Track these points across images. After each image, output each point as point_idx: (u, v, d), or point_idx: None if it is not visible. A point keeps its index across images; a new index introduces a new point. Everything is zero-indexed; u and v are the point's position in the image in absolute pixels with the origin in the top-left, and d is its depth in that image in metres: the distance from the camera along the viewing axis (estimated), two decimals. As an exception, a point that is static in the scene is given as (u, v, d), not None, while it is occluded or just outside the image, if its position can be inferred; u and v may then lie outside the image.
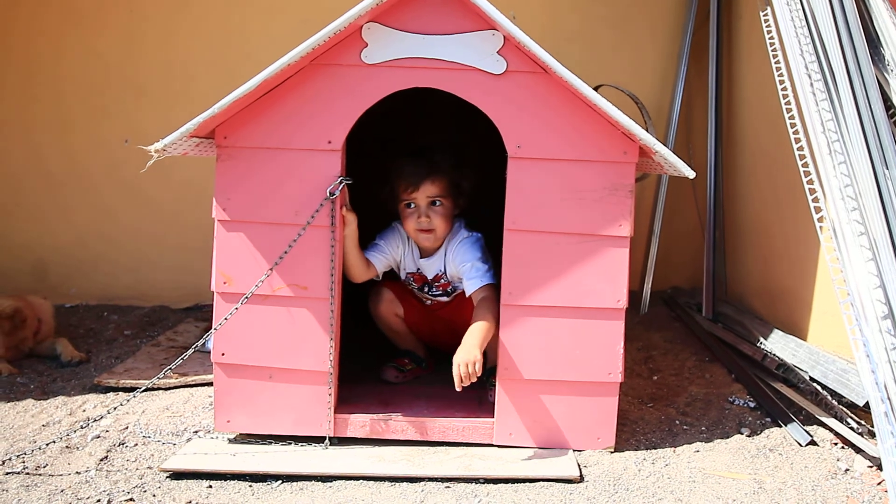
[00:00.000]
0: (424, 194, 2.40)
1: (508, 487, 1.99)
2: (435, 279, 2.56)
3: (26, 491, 1.94)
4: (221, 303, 2.17)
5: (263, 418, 2.21)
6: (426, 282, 2.58)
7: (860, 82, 2.37)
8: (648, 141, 2.02)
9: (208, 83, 3.58)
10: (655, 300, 3.76)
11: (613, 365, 2.17)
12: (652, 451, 2.22)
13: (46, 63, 3.76)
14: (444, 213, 2.42)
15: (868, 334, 2.04)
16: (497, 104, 2.11)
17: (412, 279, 2.59)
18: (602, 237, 2.14)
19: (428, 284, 2.58)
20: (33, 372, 2.85)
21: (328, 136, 2.13)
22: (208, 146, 2.20)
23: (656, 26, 3.85)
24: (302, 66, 2.09)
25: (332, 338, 2.17)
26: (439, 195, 2.41)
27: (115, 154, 3.76)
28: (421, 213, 2.41)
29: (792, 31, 2.48)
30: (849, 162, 2.24)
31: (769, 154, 3.19)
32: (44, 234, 3.82)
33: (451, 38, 2.09)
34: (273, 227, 2.15)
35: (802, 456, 2.19)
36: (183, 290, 3.74)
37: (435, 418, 2.24)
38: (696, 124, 3.84)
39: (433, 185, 2.39)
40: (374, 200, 2.48)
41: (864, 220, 2.17)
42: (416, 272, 2.57)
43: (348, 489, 1.98)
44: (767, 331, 3.01)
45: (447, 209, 2.43)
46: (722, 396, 2.62)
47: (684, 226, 3.87)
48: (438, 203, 2.41)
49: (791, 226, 2.98)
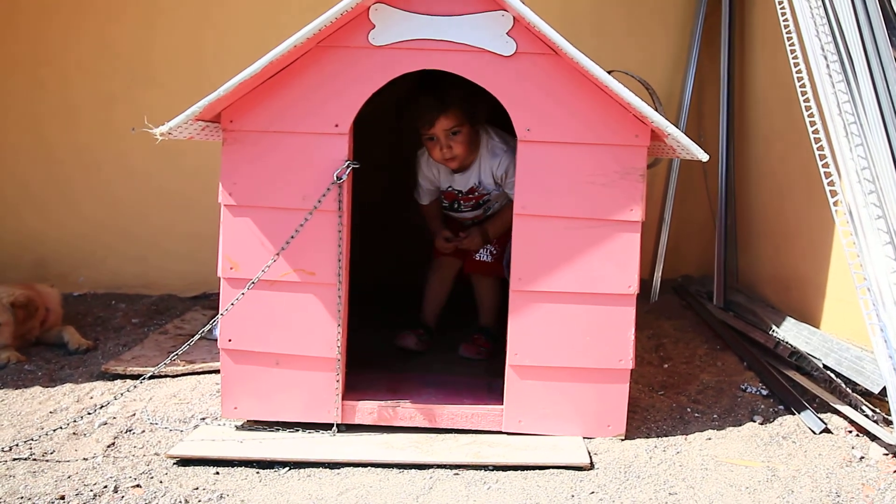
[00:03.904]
0: (441, 128, 2.49)
1: (518, 475, 1.97)
2: (470, 191, 2.70)
3: (33, 477, 1.93)
4: (228, 288, 2.15)
5: (271, 405, 2.19)
6: (456, 198, 2.73)
7: (878, 63, 2.32)
8: (660, 123, 1.99)
9: (217, 71, 3.52)
10: (666, 288, 3.73)
11: (624, 351, 2.14)
12: (663, 438, 2.19)
13: (54, 51, 3.73)
14: (463, 139, 2.53)
15: (885, 319, 2.01)
16: (507, 86, 2.08)
17: (443, 198, 2.78)
18: (613, 222, 2.11)
19: (457, 201, 2.74)
20: (41, 359, 2.85)
21: (335, 119, 2.10)
22: (214, 130, 2.18)
23: (668, 11, 3.80)
24: (308, 48, 2.07)
25: (340, 324, 2.15)
26: (456, 125, 2.50)
27: (123, 142, 3.74)
28: (442, 145, 2.51)
29: (808, 11, 2.44)
30: (866, 144, 2.20)
31: (783, 139, 3.15)
32: (52, 222, 3.81)
33: (460, 19, 2.06)
34: (280, 211, 2.13)
35: (816, 444, 2.15)
36: (190, 278, 3.73)
37: (443, 405, 2.22)
38: (707, 110, 3.80)
39: (447, 119, 2.48)
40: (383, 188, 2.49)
41: (881, 203, 2.13)
42: (447, 189, 2.73)
43: (356, 476, 1.96)
44: (780, 318, 2.98)
45: (466, 135, 2.53)
46: (734, 384, 2.59)
47: (695, 213, 3.84)
48: (457, 132, 2.51)
49: (805, 211, 2.94)
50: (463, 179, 2.68)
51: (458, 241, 2.78)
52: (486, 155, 2.62)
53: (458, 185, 2.70)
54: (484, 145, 2.61)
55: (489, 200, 2.74)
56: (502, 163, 2.59)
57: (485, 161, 2.62)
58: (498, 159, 2.60)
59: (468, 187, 2.69)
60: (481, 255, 2.81)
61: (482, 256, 2.82)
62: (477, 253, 2.81)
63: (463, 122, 2.51)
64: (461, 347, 2.75)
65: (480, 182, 2.67)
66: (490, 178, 2.64)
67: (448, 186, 2.72)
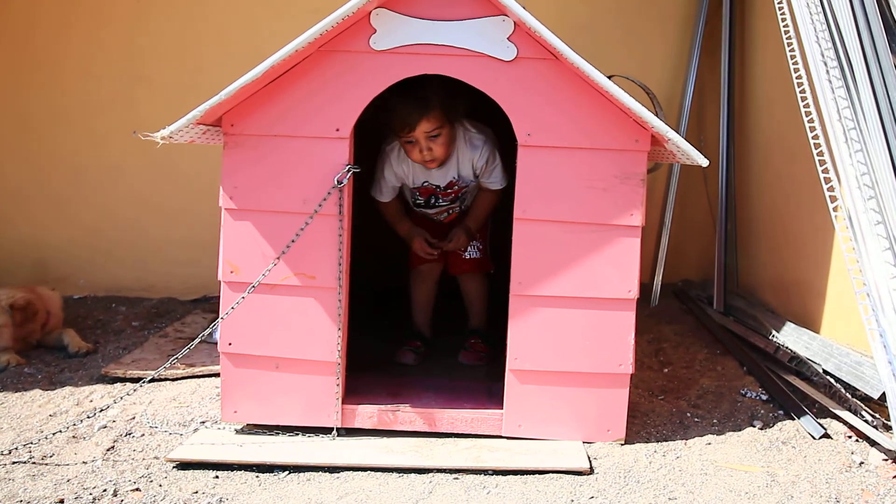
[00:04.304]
0: (422, 131, 2.40)
1: (518, 479, 1.96)
2: (449, 185, 2.61)
3: (32, 480, 1.93)
4: (228, 292, 2.15)
5: (271, 409, 2.19)
6: (433, 193, 2.63)
7: (878, 69, 2.33)
8: (661, 128, 1.99)
9: (216, 75, 3.53)
10: (666, 293, 3.73)
11: (624, 356, 2.14)
12: (663, 443, 2.19)
13: (56, 55, 3.74)
14: (444, 140, 2.45)
15: (885, 325, 2.01)
16: (507, 91, 2.08)
17: (418, 194, 2.65)
18: (613, 226, 2.11)
19: (434, 196, 2.64)
20: (41, 362, 2.85)
21: (336, 123, 2.11)
22: (215, 134, 2.18)
23: (668, 16, 3.81)
24: (309, 52, 2.07)
25: (340, 328, 2.15)
26: (436, 128, 2.42)
27: (124, 146, 3.73)
28: (422, 148, 2.43)
29: (807, 17, 2.44)
30: (865, 150, 2.20)
31: (783, 144, 3.15)
32: (52, 225, 3.81)
33: (460, 24, 2.06)
34: (280, 215, 2.13)
35: (816, 449, 2.15)
36: (191, 281, 3.73)
37: (443, 409, 2.22)
38: (707, 115, 3.80)
39: (428, 122, 2.40)
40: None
41: (881, 209, 2.13)
42: (422, 185, 2.62)
43: (356, 480, 1.96)
44: (780, 323, 2.98)
45: (447, 135, 2.46)
46: (734, 389, 2.59)
47: (695, 218, 3.84)
48: (437, 134, 2.43)
49: (805, 217, 2.94)
50: (441, 174, 2.58)
51: (445, 245, 2.71)
52: (464, 147, 2.54)
53: (436, 179, 2.60)
54: (461, 137, 2.54)
55: (466, 193, 2.68)
56: (482, 154, 2.53)
57: (463, 154, 2.54)
58: (478, 151, 2.53)
59: (447, 181, 2.60)
60: (470, 252, 2.77)
61: (471, 254, 2.78)
62: (465, 252, 2.77)
63: (443, 124, 2.43)
64: (461, 355, 2.72)
65: (459, 175, 2.59)
66: (469, 169, 2.57)
67: (424, 182, 2.61)
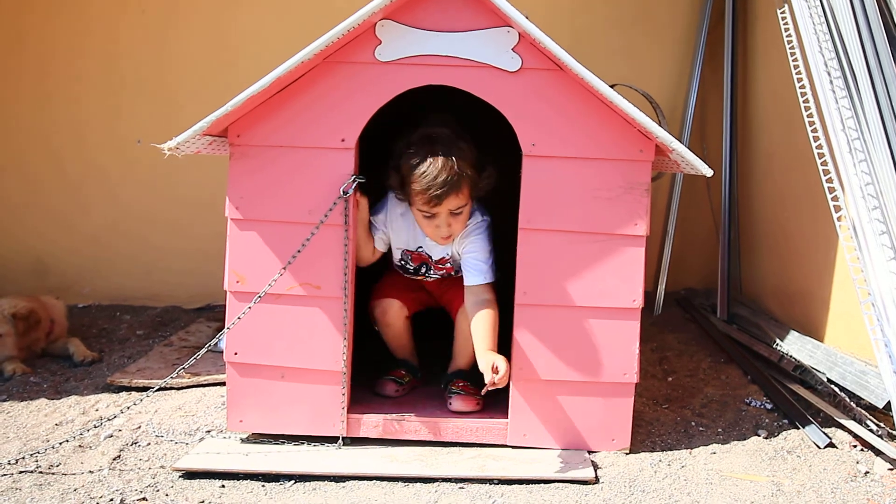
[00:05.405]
0: (447, 208, 2.19)
1: (523, 488, 1.97)
2: (440, 261, 2.41)
3: (39, 490, 1.94)
4: (234, 302, 2.16)
5: (276, 418, 2.19)
6: (426, 262, 2.43)
7: (881, 79, 2.34)
8: (665, 138, 2.00)
9: (222, 84, 3.56)
10: (669, 301, 3.73)
11: (629, 365, 2.14)
12: (668, 452, 2.19)
13: (61, 63, 3.76)
14: (464, 218, 2.26)
15: (890, 335, 2.01)
16: (512, 102, 2.09)
17: (409, 257, 2.43)
18: (618, 236, 2.12)
19: (427, 265, 2.43)
20: (46, 371, 2.85)
21: (341, 134, 2.12)
22: (221, 144, 2.20)
23: (670, 26, 3.82)
24: (315, 63, 2.09)
25: (346, 337, 2.15)
26: (462, 206, 2.22)
27: (128, 155, 3.76)
28: (441, 224, 2.23)
29: (811, 27, 2.45)
30: (869, 160, 2.21)
31: (786, 153, 3.16)
32: (57, 233, 3.82)
33: (465, 35, 2.08)
34: (286, 225, 2.14)
35: (821, 458, 2.15)
36: (195, 290, 3.74)
37: (448, 419, 2.22)
38: (710, 124, 3.81)
39: (457, 198, 2.18)
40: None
41: (885, 218, 2.14)
42: (416, 251, 2.41)
43: (361, 489, 1.96)
44: (784, 332, 2.98)
45: (467, 212, 2.27)
46: (738, 398, 2.59)
47: (699, 226, 3.84)
48: (460, 212, 2.23)
49: (809, 226, 2.95)
50: (437, 247, 2.38)
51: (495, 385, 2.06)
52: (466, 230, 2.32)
53: (430, 249, 2.39)
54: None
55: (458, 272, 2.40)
56: (472, 242, 2.31)
57: (462, 235, 2.32)
58: (469, 239, 2.31)
59: (440, 257, 2.40)
60: None
61: None
62: None
63: (469, 200, 2.22)
64: (452, 402, 2.30)
65: (450, 254, 2.40)
66: (457, 252, 2.37)
67: (418, 248, 2.40)
